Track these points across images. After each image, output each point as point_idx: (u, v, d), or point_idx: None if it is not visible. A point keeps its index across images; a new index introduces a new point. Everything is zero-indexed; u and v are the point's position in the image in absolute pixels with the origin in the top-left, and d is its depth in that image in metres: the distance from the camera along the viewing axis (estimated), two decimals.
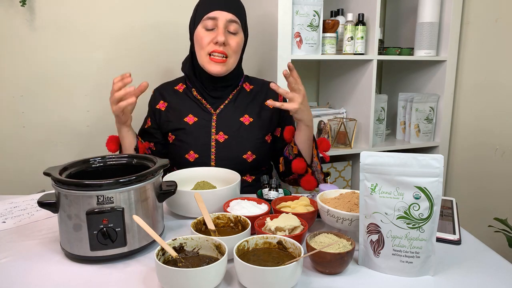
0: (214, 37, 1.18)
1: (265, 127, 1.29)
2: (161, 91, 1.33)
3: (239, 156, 1.23)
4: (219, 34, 1.17)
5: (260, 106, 1.30)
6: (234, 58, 1.23)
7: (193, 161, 1.23)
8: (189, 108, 1.27)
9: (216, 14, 1.18)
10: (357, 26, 1.66)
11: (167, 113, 1.29)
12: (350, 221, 0.81)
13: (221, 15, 1.18)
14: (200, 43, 1.20)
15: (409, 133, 1.89)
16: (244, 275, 0.68)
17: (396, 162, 0.73)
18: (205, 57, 1.20)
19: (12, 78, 1.64)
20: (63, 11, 1.64)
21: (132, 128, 1.18)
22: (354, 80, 1.82)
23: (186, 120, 1.26)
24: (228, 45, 1.20)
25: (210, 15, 1.18)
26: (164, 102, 1.30)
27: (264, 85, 1.34)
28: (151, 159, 0.90)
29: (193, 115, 1.26)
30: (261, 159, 1.28)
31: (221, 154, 1.23)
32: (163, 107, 1.30)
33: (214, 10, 1.18)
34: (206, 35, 1.19)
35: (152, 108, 1.32)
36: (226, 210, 0.90)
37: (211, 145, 1.24)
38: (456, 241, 0.86)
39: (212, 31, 1.19)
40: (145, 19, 1.74)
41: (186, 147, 1.24)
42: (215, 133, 1.24)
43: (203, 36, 1.19)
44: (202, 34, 1.19)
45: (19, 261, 0.79)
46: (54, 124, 1.72)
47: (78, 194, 0.75)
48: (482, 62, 1.81)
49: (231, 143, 1.24)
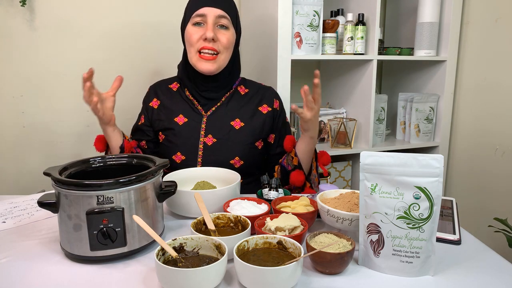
0: (203, 34, 1.17)
1: (256, 133, 1.26)
2: (156, 88, 1.33)
3: (226, 161, 1.21)
4: (208, 30, 1.16)
5: (253, 111, 1.28)
6: (225, 54, 1.21)
7: (180, 163, 1.21)
8: (181, 108, 1.26)
9: (205, 10, 1.17)
10: (357, 26, 1.66)
11: (159, 112, 1.28)
12: (350, 221, 0.81)
13: (210, 11, 1.17)
14: (189, 41, 1.19)
15: (409, 133, 1.89)
16: (244, 275, 0.68)
17: (396, 162, 0.73)
18: (195, 54, 1.19)
19: (12, 78, 1.65)
20: (63, 11, 1.64)
21: (117, 127, 1.17)
22: (354, 80, 1.82)
23: (176, 120, 1.25)
24: (218, 41, 1.18)
25: (199, 12, 1.17)
26: (157, 100, 1.30)
27: (261, 89, 1.32)
28: (151, 159, 0.90)
29: (183, 115, 1.25)
30: (249, 165, 1.25)
31: (208, 158, 1.21)
32: (155, 105, 1.29)
33: (203, 7, 1.17)
34: (195, 32, 1.18)
35: (146, 105, 1.31)
36: (226, 210, 0.90)
37: (198, 148, 1.22)
38: (456, 241, 0.86)
39: (201, 28, 1.18)
40: (145, 19, 1.74)
41: (173, 148, 1.23)
42: (204, 136, 1.23)
43: (192, 33, 1.18)
44: (191, 31, 1.19)
45: (19, 261, 0.79)
46: (54, 124, 1.72)
47: (78, 194, 0.75)
48: (482, 62, 1.81)
49: (219, 147, 1.22)
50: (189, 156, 1.22)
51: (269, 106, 1.30)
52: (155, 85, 1.34)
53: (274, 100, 1.31)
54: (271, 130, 1.30)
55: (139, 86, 1.74)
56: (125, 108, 1.75)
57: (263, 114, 1.28)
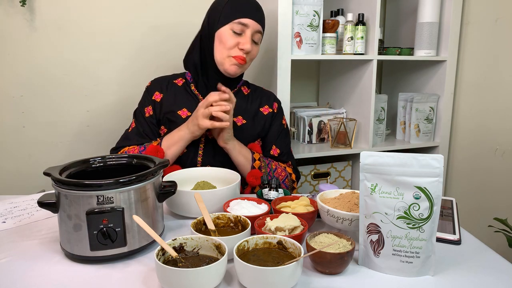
0: (240, 43, 1.20)
1: (257, 132, 1.30)
2: (158, 82, 1.32)
3: (226, 156, 1.23)
4: (247, 42, 1.20)
5: (255, 111, 1.32)
6: (249, 64, 1.27)
7: (181, 156, 1.23)
8: (184, 102, 1.28)
9: (248, 21, 1.20)
10: (357, 26, 1.66)
11: (161, 105, 1.28)
12: (350, 221, 0.81)
13: (252, 24, 1.20)
14: (224, 43, 1.21)
15: (409, 133, 1.89)
16: (244, 275, 0.68)
17: (396, 162, 0.73)
18: (227, 57, 1.21)
19: (12, 78, 1.65)
20: (63, 11, 1.64)
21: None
22: (354, 80, 1.82)
23: (179, 113, 1.26)
24: (249, 53, 1.23)
25: (242, 20, 1.19)
26: (159, 93, 1.30)
27: (262, 92, 1.37)
28: (151, 159, 0.90)
29: (187, 109, 1.26)
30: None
31: (209, 152, 1.24)
32: (158, 98, 1.29)
33: (247, 18, 1.20)
34: (232, 37, 1.20)
35: (150, 98, 1.30)
36: (226, 210, 0.90)
37: (200, 140, 1.24)
38: (456, 241, 0.86)
39: (238, 36, 1.21)
40: (145, 18, 1.74)
41: None
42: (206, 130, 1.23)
43: (229, 37, 1.20)
44: (229, 36, 1.20)
45: (19, 261, 0.79)
46: (54, 124, 1.72)
47: (78, 194, 0.75)
48: (482, 62, 1.81)
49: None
50: (190, 149, 1.23)
51: (269, 107, 1.35)
52: (157, 79, 1.34)
53: (274, 103, 1.36)
54: (268, 131, 1.33)
55: (138, 86, 1.74)
56: (124, 108, 1.76)
57: (264, 115, 1.33)
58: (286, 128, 1.38)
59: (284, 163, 1.33)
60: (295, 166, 1.36)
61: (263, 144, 1.34)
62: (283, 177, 1.27)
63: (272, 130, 1.33)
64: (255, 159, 1.24)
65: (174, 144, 1.19)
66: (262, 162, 1.25)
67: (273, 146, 1.33)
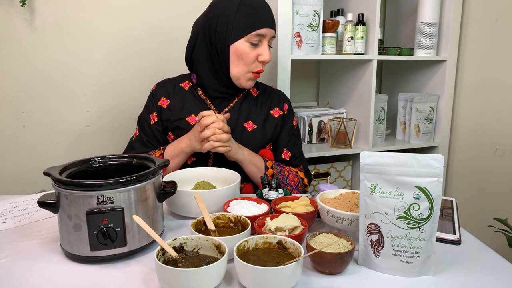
0: (260, 56, 1.16)
1: (268, 137, 1.25)
2: (164, 86, 1.27)
3: (237, 165, 1.19)
4: (266, 53, 1.15)
5: (266, 114, 1.27)
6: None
7: (190, 164, 1.20)
8: (193, 107, 1.23)
9: (265, 31, 1.14)
10: (357, 26, 1.66)
11: (169, 111, 1.23)
12: (350, 221, 0.81)
13: (268, 32, 1.15)
14: (243, 58, 1.15)
15: (409, 133, 1.90)
16: (244, 275, 0.68)
17: (396, 162, 0.73)
18: (247, 73, 1.17)
19: (12, 78, 1.65)
20: (63, 11, 1.64)
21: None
22: (354, 80, 1.82)
23: (188, 120, 1.21)
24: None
25: (260, 32, 1.13)
26: (166, 99, 1.25)
27: (271, 92, 1.32)
28: (151, 159, 0.90)
29: (195, 115, 1.21)
30: None
31: (220, 159, 1.19)
32: (165, 104, 1.24)
33: (264, 28, 1.14)
34: (251, 51, 1.15)
35: (155, 104, 1.25)
36: (226, 210, 0.90)
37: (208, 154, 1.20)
38: (456, 241, 0.86)
39: (256, 48, 1.16)
40: (145, 19, 1.74)
41: None
42: None
43: (248, 52, 1.15)
44: (247, 50, 1.14)
45: (19, 261, 0.79)
46: (54, 124, 1.72)
47: (78, 194, 0.75)
48: (482, 62, 1.81)
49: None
50: (200, 155, 1.19)
51: (280, 109, 1.29)
52: (162, 83, 1.29)
53: (284, 104, 1.31)
54: (279, 134, 1.29)
55: (138, 86, 1.75)
56: (124, 108, 1.76)
57: (275, 118, 1.27)
58: (297, 130, 1.33)
59: (296, 167, 1.30)
60: (306, 169, 1.33)
61: (274, 147, 1.30)
62: (295, 183, 1.24)
63: (283, 133, 1.29)
64: (268, 167, 1.20)
65: (176, 156, 1.16)
66: (274, 169, 1.21)
67: (284, 150, 1.28)
